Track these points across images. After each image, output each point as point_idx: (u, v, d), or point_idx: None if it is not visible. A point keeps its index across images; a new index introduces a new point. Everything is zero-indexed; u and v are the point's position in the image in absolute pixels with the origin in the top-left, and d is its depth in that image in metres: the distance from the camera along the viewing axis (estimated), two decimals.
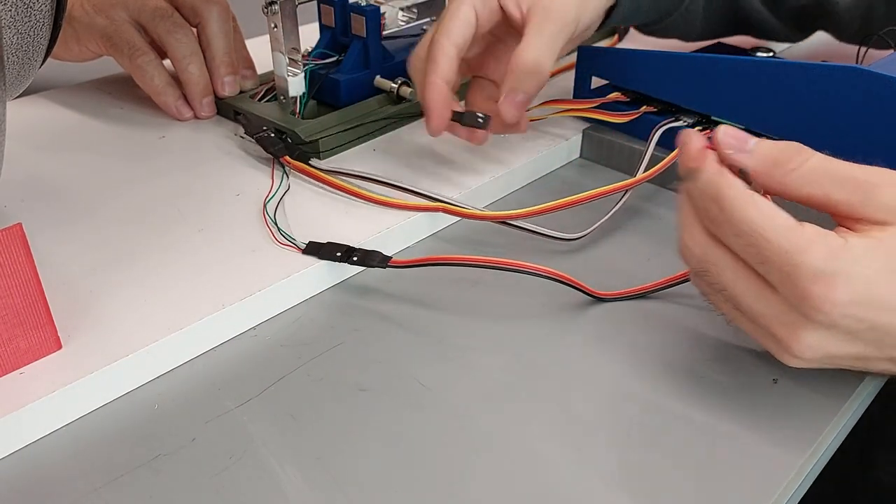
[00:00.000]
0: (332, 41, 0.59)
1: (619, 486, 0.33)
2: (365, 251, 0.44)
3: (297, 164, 0.52)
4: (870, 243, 0.30)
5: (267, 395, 0.37)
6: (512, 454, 0.35)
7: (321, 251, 0.44)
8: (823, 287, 0.30)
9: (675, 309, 0.43)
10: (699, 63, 0.52)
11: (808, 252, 0.30)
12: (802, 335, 0.32)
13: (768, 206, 0.32)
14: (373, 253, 0.44)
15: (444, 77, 0.47)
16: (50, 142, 0.57)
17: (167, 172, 0.53)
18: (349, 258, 0.44)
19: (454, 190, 0.50)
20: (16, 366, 0.36)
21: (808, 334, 0.31)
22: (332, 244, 0.44)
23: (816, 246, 0.30)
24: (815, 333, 0.31)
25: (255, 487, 0.33)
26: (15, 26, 0.35)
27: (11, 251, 0.34)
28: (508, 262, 0.42)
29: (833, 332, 0.31)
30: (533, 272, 0.42)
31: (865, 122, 0.45)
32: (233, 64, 0.60)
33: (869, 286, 0.30)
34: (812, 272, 0.30)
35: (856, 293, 0.30)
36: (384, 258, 0.44)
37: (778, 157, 0.33)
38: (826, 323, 0.31)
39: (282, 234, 0.45)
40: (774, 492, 0.33)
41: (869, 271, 0.30)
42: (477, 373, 0.39)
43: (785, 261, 0.31)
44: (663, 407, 0.37)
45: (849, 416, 0.38)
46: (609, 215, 0.49)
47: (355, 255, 0.44)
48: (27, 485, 0.33)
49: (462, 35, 0.47)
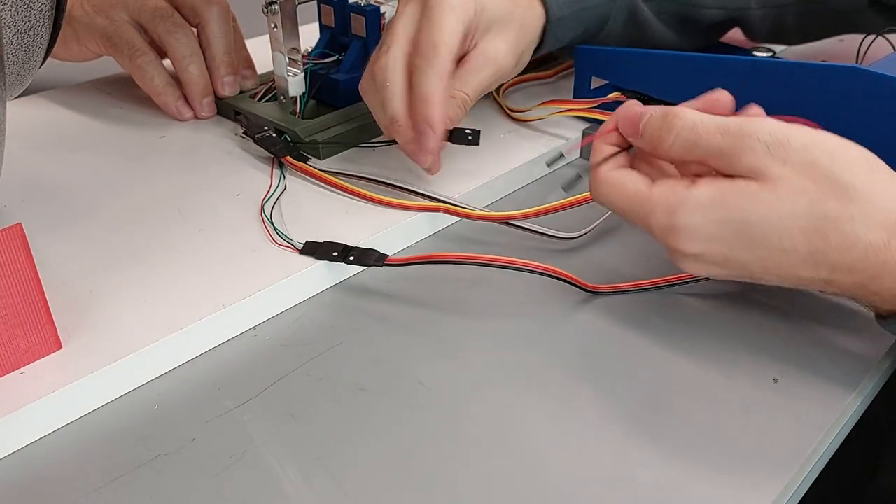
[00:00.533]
0: (332, 41, 0.59)
1: (619, 485, 0.33)
2: (362, 250, 0.44)
3: (298, 163, 0.52)
4: (712, 194, 0.36)
5: (267, 395, 0.37)
6: (512, 453, 0.35)
7: (318, 251, 0.44)
8: (673, 239, 0.37)
9: (674, 308, 0.43)
10: (699, 63, 0.52)
11: (653, 213, 0.37)
12: (682, 266, 0.38)
13: (622, 180, 0.39)
14: (369, 251, 0.44)
15: None
16: (50, 142, 0.57)
17: (167, 172, 0.53)
18: (346, 257, 0.44)
19: (454, 190, 0.50)
20: (16, 366, 0.36)
21: (685, 266, 0.38)
22: (329, 243, 0.44)
23: (658, 207, 0.37)
24: (690, 265, 0.38)
25: (255, 487, 0.33)
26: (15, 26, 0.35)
27: (11, 251, 0.34)
28: (502, 259, 0.42)
29: (701, 264, 0.38)
30: (526, 269, 0.42)
31: (865, 122, 0.45)
32: (233, 64, 0.60)
33: (708, 231, 0.36)
34: (660, 229, 0.37)
35: (700, 237, 0.36)
36: (381, 256, 0.44)
37: (654, 136, 0.38)
38: (691, 258, 0.37)
39: (279, 233, 0.45)
40: (774, 492, 0.33)
41: (704, 218, 0.36)
42: (476, 372, 0.39)
43: (643, 224, 0.38)
44: (663, 406, 0.37)
45: (849, 416, 0.38)
46: (608, 214, 0.49)
47: (352, 255, 0.44)
48: (27, 485, 0.33)
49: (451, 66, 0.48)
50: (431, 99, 0.46)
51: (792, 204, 0.34)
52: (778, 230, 0.35)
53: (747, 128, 0.35)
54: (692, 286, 0.44)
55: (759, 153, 0.35)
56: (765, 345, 0.41)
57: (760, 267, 0.37)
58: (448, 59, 0.46)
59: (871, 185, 0.34)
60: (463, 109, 0.48)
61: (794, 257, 0.35)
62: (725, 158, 0.36)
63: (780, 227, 0.35)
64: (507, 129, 0.59)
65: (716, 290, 0.44)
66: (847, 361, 0.40)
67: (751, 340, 0.41)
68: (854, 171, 0.34)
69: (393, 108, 0.47)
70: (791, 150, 0.34)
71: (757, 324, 0.42)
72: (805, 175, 0.34)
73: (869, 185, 0.34)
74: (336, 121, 0.56)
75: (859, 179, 0.34)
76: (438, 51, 0.46)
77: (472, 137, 0.49)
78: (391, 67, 0.47)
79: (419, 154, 0.47)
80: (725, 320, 0.42)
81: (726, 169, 0.36)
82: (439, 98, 0.46)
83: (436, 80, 0.46)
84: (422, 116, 0.46)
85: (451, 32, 0.46)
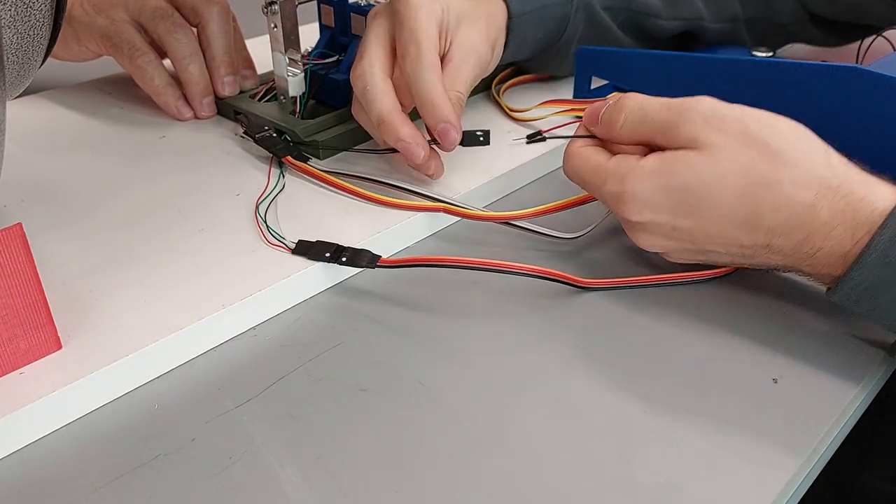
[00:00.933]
0: (332, 41, 0.59)
1: (618, 485, 0.33)
2: (354, 250, 0.44)
3: (298, 163, 0.52)
4: (656, 163, 0.39)
5: (267, 395, 0.37)
6: (512, 453, 0.35)
7: (311, 251, 0.44)
8: (621, 206, 0.40)
9: (674, 308, 0.43)
10: (699, 63, 0.52)
11: (605, 182, 0.41)
12: (635, 238, 0.42)
13: (586, 154, 0.43)
14: (362, 252, 0.44)
15: None
16: (50, 142, 0.57)
17: (167, 172, 0.53)
18: (338, 258, 0.43)
19: (454, 190, 0.50)
20: (16, 366, 0.36)
21: (637, 238, 0.42)
22: (322, 243, 0.44)
23: (610, 176, 0.40)
24: (641, 236, 0.41)
25: (255, 487, 0.33)
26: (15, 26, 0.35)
27: (11, 251, 0.34)
28: (493, 263, 0.42)
29: (651, 234, 0.41)
30: (518, 272, 0.42)
31: (865, 122, 0.45)
32: (233, 64, 0.60)
33: (652, 198, 0.39)
34: (610, 196, 0.41)
35: (645, 204, 0.39)
36: (373, 258, 0.44)
37: (607, 120, 0.42)
38: (640, 228, 0.41)
39: (271, 232, 0.45)
40: (774, 492, 0.33)
41: (648, 186, 0.39)
42: (476, 372, 0.39)
43: (598, 193, 0.42)
44: (662, 406, 0.37)
45: (849, 416, 0.38)
46: (608, 214, 0.49)
47: (344, 256, 0.43)
48: (27, 485, 0.33)
49: None
50: (437, 100, 0.47)
51: (726, 168, 0.37)
52: (714, 194, 0.38)
53: (688, 103, 0.39)
54: (693, 286, 0.45)
55: (698, 123, 0.38)
56: (765, 345, 0.41)
57: (704, 235, 0.39)
58: (433, 51, 0.47)
59: (799, 152, 0.37)
60: (461, 108, 0.49)
61: (732, 221, 0.38)
62: (669, 133, 0.39)
63: (717, 190, 0.38)
64: (507, 129, 0.59)
65: (716, 289, 0.44)
66: (847, 362, 0.40)
67: (751, 340, 0.41)
68: (785, 138, 0.37)
69: (376, 108, 0.48)
70: (727, 120, 0.37)
71: (757, 324, 0.42)
72: (740, 142, 0.37)
73: (797, 151, 0.37)
74: (336, 121, 0.56)
75: (789, 145, 0.37)
76: (421, 46, 0.47)
77: (483, 139, 0.49)
78: (368, 71, 0.48)
79: (418, 157, 0.48)
80: (726, 320, 0.42)
81: (670, 143, 0.39)
82: (444, 95, 0.47)
83: (432, 77, 0.47)
84: (437, 119, 0.47)
85: (427, 27, 0.47)
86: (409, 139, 0.47)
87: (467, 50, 0.50)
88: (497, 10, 0.55)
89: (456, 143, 0.48)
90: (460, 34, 0.50)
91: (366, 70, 0.48)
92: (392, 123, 0.47)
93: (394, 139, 0.48)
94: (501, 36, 0.55)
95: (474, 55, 0.50)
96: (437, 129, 0.47)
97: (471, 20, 0.51)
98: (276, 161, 0.53)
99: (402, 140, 0.47)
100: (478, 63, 0.51)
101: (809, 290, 0.44)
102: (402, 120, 0.48)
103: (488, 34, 0.52)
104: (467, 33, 0.51)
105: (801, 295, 0.44)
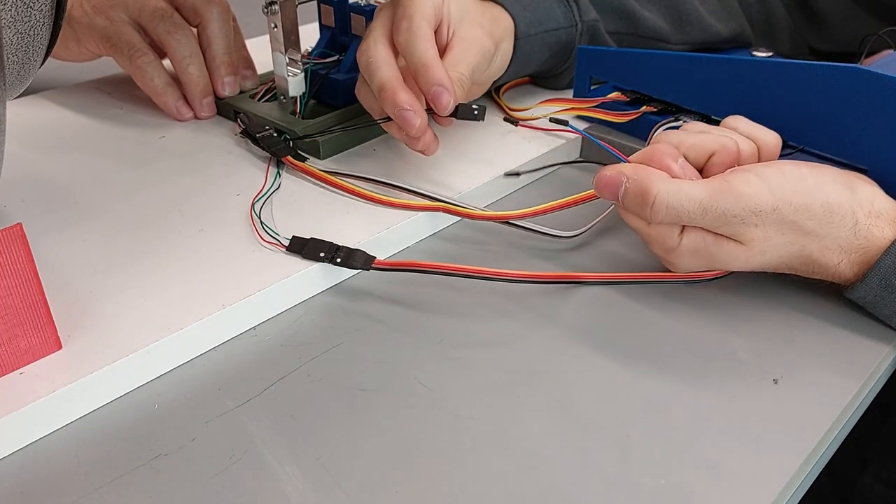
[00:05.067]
0: (332, 41, 0.59)
1: (618, 485, 0.33)
2: (349, 250, 0.44)
3: (298, 163, 0.52)
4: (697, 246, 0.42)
5: (267, 395, 0.37)
6: (511, 453, 0.35)
7: (305, 248, 0.44)
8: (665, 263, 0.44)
9: (675, 308, 0.43)
10: (699, 63, 0.52)
11: (651, 245, 0.44)
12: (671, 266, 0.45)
13: None
14: (357, 253, 0.44)
15: None
16: (50, 142, 0.57)
17: (167, 173, 0.53)
18: (333, 258, 0.43)
19: (454, 190, 0.50)
20: (16, 366, 0.36)
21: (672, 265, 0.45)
22: (316, 241, 0.44)
23: (654, 243, 0.44)
24: None
25: (255, 487, 0.33)
26: (15, 26, 0.35)
27: (11, 251, 0.34)
28: (487, 270, 0.42)
29: None
30: (512, 279, 0.43)
31: (865, 122, 0.45)
32: (233, 64, 0.60)
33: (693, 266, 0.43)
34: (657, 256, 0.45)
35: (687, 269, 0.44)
36: (368, 259, 0.43)
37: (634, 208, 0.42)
38: None
39: (265, 229, 0.45)
40: (774, 492, 0.33)
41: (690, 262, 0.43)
42: (476, 373, 0.39)
43: None
44: (662, 406, 0.37)
45: (849, 416, 0.38)
46: (608, 212, 0.49)
47: (339, 256, 0.43)
48: (27, 484, 0.33)
49: None
50: (430, 62, 0.47)
51: (763, 256, 0.41)
52: None
53: (722, 203, 0.40)
54: (693, 286, 0.45)
55: (735, 226, 0.40)
56: (765, 345, 0.41)
57: None
58: (426, 24, 0.48)
59: (828, 227, 0.40)
60: (462, 88, 0.49)
61: None
62: (710, 229, 0.42)
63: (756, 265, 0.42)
64: (507, 129, 0.59)
65: (716, 290, 0.44)
66: (847, 362, 0.40)
67: (751, 340, 0.41)
68: (814, 218, 0.40)
69: (379, 76, 0.48)
70: (763, 215, 0.40)
71: (757, 324, 0.42)
72: (776, 231, 0.41)
73: (826, 228, 0.40)
74: (336, 121, 0.56)
75: (818, 225, 0.40)
76: (414, 19, 0.48)
77: (477, 112, 0.48)
78: (371, 46, 0.49)
79: (413, 124, 0.47)
80: (726, 320, 0.42)
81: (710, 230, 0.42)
82: (437, 59, 0.48)
83: (425, 44, 0.48)
84: (431, 82, 0.47)
85: (422, 6, 0.48)
86: (406, 105, 0.47)
87: (469, 40, 0.51)
88: (503, 16, 0.56)
89: (449, 107, 0.47)
90: (463, 28, 0.51)
91: (370, 45, 0.49)
92: (392, 90, 0.47)
93: (391, 105, 0.47)
94: (508, 39, 0.56)
95: (476, 45, 0.51)
96: (431, 92, 0.47)
97: (474, 17, 0.53)
98: (275, 161, 0.53)
99: (399, 105, 0.47)
100: (480, 52, 0.51)
101: (810, 290, 0.44)
102: (401, 87, 0.48)
103: (492, 32, 0.53)
104: (469, 28, 0.52)
105: (802, 295, 0.44)
